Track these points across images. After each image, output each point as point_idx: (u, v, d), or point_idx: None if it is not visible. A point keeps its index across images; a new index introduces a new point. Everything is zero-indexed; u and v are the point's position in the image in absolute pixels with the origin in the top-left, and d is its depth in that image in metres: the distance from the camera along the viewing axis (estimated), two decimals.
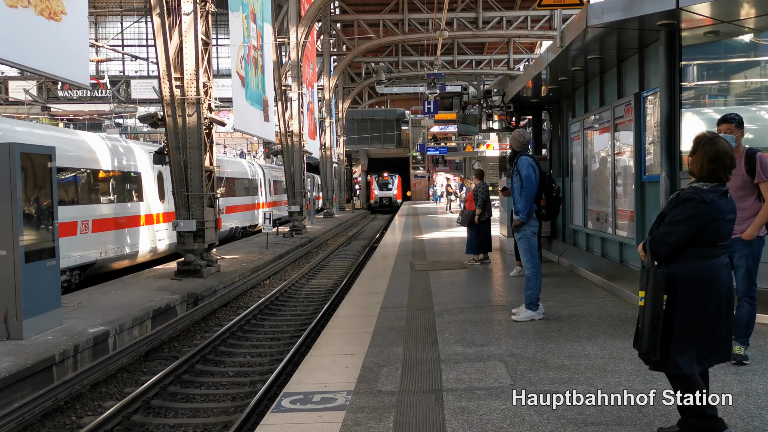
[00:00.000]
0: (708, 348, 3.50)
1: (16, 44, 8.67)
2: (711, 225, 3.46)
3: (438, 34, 26.31)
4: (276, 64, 23.35)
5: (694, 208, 3.44)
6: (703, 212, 3.43)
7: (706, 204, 3.44)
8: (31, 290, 8.01)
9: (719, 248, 3.51)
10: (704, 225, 3.45)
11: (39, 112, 40.70)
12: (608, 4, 7.03)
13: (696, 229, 3.45)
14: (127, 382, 7.76)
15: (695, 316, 3.45)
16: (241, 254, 17.68)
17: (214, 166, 14.32)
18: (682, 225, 3.47)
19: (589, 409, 4.14)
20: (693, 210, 3.45)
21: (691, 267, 3.48)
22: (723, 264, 3.53)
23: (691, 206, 3.46)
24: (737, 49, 7.44)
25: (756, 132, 7.32)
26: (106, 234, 13.89)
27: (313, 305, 12.33)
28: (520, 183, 6.99)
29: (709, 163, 3.48)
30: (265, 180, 29.27)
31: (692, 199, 3.47)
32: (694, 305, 3.46)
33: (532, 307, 6.94)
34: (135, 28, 46.01)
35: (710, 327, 3.47)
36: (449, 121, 31.50)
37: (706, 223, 3.44)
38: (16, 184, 7.85)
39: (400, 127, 56.76)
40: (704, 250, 3.48)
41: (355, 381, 5.03)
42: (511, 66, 38.57)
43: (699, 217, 3.44)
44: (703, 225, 3.45)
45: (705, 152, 3.50)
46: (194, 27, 13.44)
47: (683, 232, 3.46)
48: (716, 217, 3.45)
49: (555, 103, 13.11)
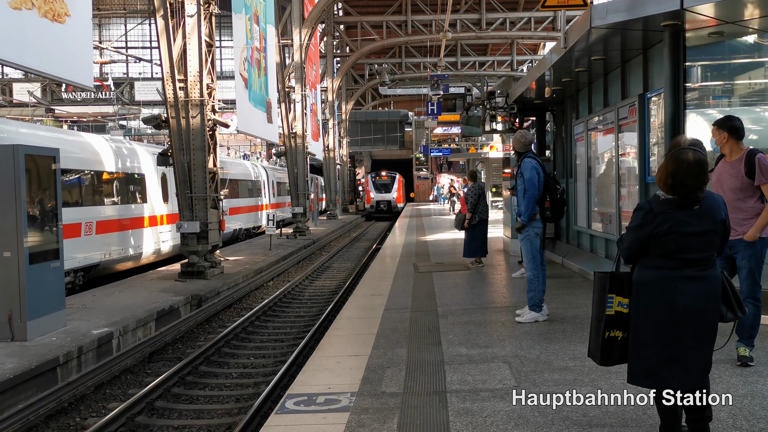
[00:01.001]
0: (650, 364, 3.31)
1: (20, 46, 8.70)
2: (661, 237, 3.23)
3: (441, 36, 26.29)
4: (279, 66, 23.38)
5: (643, 218, 3.28)
6: (650, 223, 3.25)
7: (654, 215, 3.24)
8: (35, 292, 8.03)
9: (676, 260, 3.24)
10: (653, 236, 3.25)
11: (43, 114, 40.81)
12: (612, 5, 7.02)
13: (644, 239, 3.28)
14: (131, 384, 7.76)
15: (637, 325, 3.33)
16: (245, 256, 17.69)
17: (217, 168, 14.33)
18: (630, 233, 3.34)
19: (594, 410, 4.13)
20: (641, 219, 3.29)
21: (643, 274, 3.34)
22: (683, 277, 3.24)
23: (640, 215, 3.31)
24: (741, 50, 7.43)
25: (760, 133, 7.31)
26: (110, 235, 13.92)
27: (316, 307, 12.32)
28: (524, 185, 6.98)
29: (667, 178, 3.24)
30: (269, 181, 29.30)
31: (641, 208, 3.32)
32: (637, 314, 3.33)
33: (536, 308, 6.92)
34: (139, 30, 46.18)
35: (653, 341, 3.28)
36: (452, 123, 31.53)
37: (655, 235, 3.24)
38: (20, 186, 7.86)
39: (404, 128, 56.71)
40: (657, 260, 3.29)
41: (359, 382, 5.02)
42: (514, 67, 38.52)
43: (646, 227, 3.26)
44: (651, 236, 3.25)
45: (665, 166, 3.27)
46: (198, 29, 13.46)
47: (631, 240, 3.34)
48: (667, 230, 3.21)
49: (559, 105, 13.09)
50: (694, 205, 3.24)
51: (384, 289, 9.70)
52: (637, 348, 3.35)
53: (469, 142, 40.48)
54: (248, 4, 18.08)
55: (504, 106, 13.82)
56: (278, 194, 31.15)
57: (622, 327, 3.40)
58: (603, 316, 3.38)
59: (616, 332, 3.41)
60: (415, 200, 59.65)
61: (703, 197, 3.26)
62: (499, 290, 9.48)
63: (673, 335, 3.25)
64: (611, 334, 3.42)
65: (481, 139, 32.27)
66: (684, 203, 3.23)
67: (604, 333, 3.41)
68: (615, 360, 3.49)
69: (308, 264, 18.83)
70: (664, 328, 3.25)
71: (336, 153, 39.02)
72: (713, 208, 3.28)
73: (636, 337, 3.35)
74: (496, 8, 33.99)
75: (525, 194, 6.95)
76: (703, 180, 3.23)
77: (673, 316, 3.24)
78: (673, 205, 3.23)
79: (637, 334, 3.35)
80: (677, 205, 3.23)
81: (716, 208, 3.29)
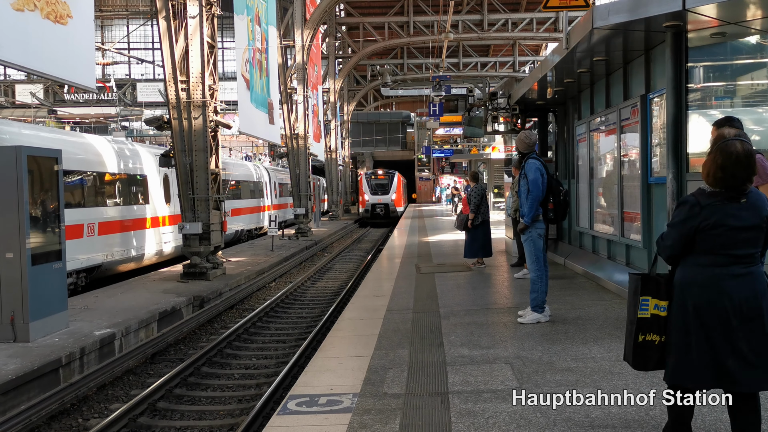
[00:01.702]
0: (688, 364, 3.19)
1: (22, 48, 8.72)
2: (708, 231, 3.12)
3: (443, 37, 26.31)
4: (281, 67, 23.41)
5: (689, 211, 3.17)
6: (696, 216, 3.14)
7: (701, 208, 3.14)
8: (37, 293, 8.04)
9: (724, 257, 3.13)
10: (700, 230, 3.14)
11: (45, 116, 40.89)
12: (614, 6, 7.01)
13: (690, 234, 3.16)
14: (133, 385, 7.77)
15: (678, 326, 3.22)
16: (247, 257, 17.70)
17: (219, 169, 14.35)
18: (675, 229, 3.23)
19: (596, 411, 4.12)
20: (687, 213, 3.18)
21: (686, 274, 3.22)
22: (731, 275, 3.12)
23: (685, 209, 3.20)
24: (744, 51, 7.42)
25: (763, 134, 7.30)
26: (112, 237, 13.93)
27: (318, 308, 12.33)
28: (527, 186, 6.97)
29: (716, 171, 3.13)
30: (271, 183, 29.32)
31: (687, 202, 3.22)
32: (682, 316, 3.21)
33: (538, 309, 6.92)
34: (141, 32, 46.25)
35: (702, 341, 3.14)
36: (455, 124, 31.48)
37: (702, 229, 3.13)
38: (22, 187, 7.88)
39: (406, 129, 56.66)
40: (703, 258, 3.17)
41: (361, 383, 5.02)
42: (516, 68, 38.52)
43: (692, 221, 3.15)
44: (698, 230, 3.14)
45: (713, 159, 3.16)
46: (200, 30, 13.48)
47: (676, 237, 3.22)
48: (714, 223, 3.11)
49: (561, 105, 13.09)
50: (741, 198, 3.13)
51: (386, 290, 9.70)
52: (681, 351, 3.20)
53: (471, 143, 40.49)
54: (250, 6, 18.11)
55: (506, 107, 13.81)
56: (280, 195, 31.17)
57: (659, 331, 3.27)
58: (635, 318, 3.28)
59: (652, 336, 3.28)
60: (417, 201, 59.67)
61: (749, 190, 3.16)
62: (501, 291, 9.48)
63: (723, 336, 3.12)
64: (646, 338, 3.29)
65: (483, 140, 32.26)
66: (731, 196, 3.12)
67: (637, 336, 3.29)
68: (653, 365, 3.35)
69: (310, 265, 18.84)
70: (714, 329, 3.13)
71: (338, 154, 39.03)
72: (759, 203, 3.17)
73: (680, 339, 3.21)
74: (498, 9, 34.00)
75: (528, 195, 6.94)
76: (753, 171, 3.14)
77: (722, 315, 3.11)
78: (720, 198, 3.13)
79: (681, 337, 3.20)
80: (725, 197, 3.12)
81: (762, 202, 3.18)
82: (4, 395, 6.52)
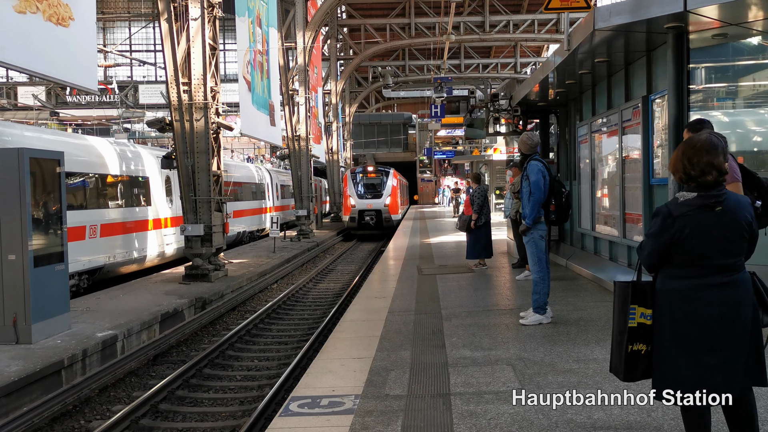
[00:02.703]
0: (672, 372, 3.12)
1: (24, 50, 8.74)
2: (683, 244, 3.02)
3: (445, 38, 26.32)
4: (283, 69, 23.43)
5: (662, 223, 3.07)
6: (669, 228, 3.03)
7: (674, 219, 3.03)
8: (39, 294, 8.05)
9: (700, 267, 3.03)
10: (674, 243, 3.03)
11: (48, 118, 40.99)
12: (616, 7, 7.02)
13: (665, 246, 3.07)
14: (135, 386, 7.78)
15: (663, 338, 3.13)
16: (249, 258, 17.71)
17: (221, 171, 14.36)
18: (650, 240, 3.14)
19: (598, 413, 4.12)
20: (660, 225, 3.08)
21: (666, 284, 3.13)
22: (711, 284, 3.02)
23: (658, 221, 3.10)
24: (745, 52, 7.42)
25: (764, 134, 7.30)
26: (114, 238, 13.95)
27: (320, 309, 12.33)
28: (529, 188, 6.96)
29: (677, 162, 3.11)
30: (272, 184, 29.33)
31: (660, 213, 3.11)
32: (662, 326, 3.13)
33: (540, 310, 6.91)
34: (143, 34, 46.29)
35: (681, 355, 3.07)
36: (456, 125, 31.49)
37: (676, 242, 3.03)
38: (25, 189, 7.90)
39: (407, 131, 56.68)
40: (680, 269, 3.07)
41: (363, 385, 5.02)
42: (518, 70, 38.49)
43: (666, 234, 3.04)
44: (672, 243, 3.04)
45: (677, 151, 3.13)
46: (202, 32, 13.50)
47: (651, 249, 3.13)
48: (689, 234, 3.00)
49: (562, 107, 13.08)
50: (716, 206, 3.00)
51: (388, 291, 9.71)
52: (662, 362, 3.15)
53: (473, 144, 40.51)
54: (251, 7, 18.14)
55: (507, 108, 13.80)
56: (282, 197, 31.16)
57: (646, 340, 3.19)
58: (626, 328, 3.17)
59: (639, 345, 3.19)
60: (419, 202, 59.66)
61: (725, 198, 3.02)
62: (502, 293, 9.47)
63: (703, 347, 3.04)
64: (634, 348, 3.20)
65: (484, 141, 32.27)
66: (706, 204, 3.01)
67: (628, 346, 3.20)
68: (640, 375, 3.27)
69: (312, 267, 18.84)
70: (693, 340, 3.05)
71: (340, 155, 39.03)
72: (737, 209, 3.04)
73: (661, 350, 3.15)
74: (500, 10, 33.97)
75: (530, 197, 6.94)
76: (718, 161, 3.00)
77: (702, 328, 3.02)
78: (693, 207, 3.02)
79: (662, 348, 3.14)
80: (699, 206, 3.01)
81: (740, 208, 3.06)
82: (7, 397, 6.53)
